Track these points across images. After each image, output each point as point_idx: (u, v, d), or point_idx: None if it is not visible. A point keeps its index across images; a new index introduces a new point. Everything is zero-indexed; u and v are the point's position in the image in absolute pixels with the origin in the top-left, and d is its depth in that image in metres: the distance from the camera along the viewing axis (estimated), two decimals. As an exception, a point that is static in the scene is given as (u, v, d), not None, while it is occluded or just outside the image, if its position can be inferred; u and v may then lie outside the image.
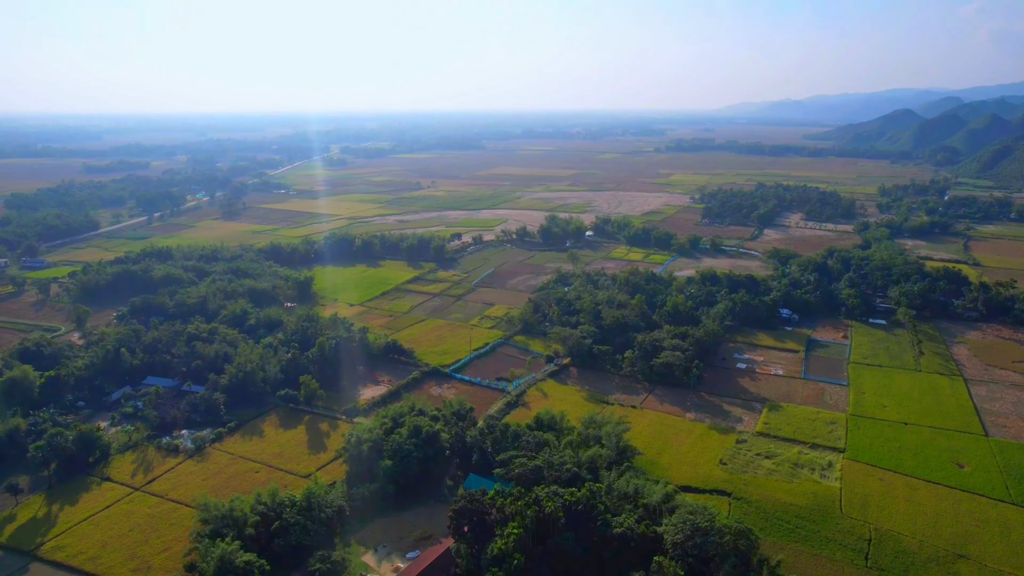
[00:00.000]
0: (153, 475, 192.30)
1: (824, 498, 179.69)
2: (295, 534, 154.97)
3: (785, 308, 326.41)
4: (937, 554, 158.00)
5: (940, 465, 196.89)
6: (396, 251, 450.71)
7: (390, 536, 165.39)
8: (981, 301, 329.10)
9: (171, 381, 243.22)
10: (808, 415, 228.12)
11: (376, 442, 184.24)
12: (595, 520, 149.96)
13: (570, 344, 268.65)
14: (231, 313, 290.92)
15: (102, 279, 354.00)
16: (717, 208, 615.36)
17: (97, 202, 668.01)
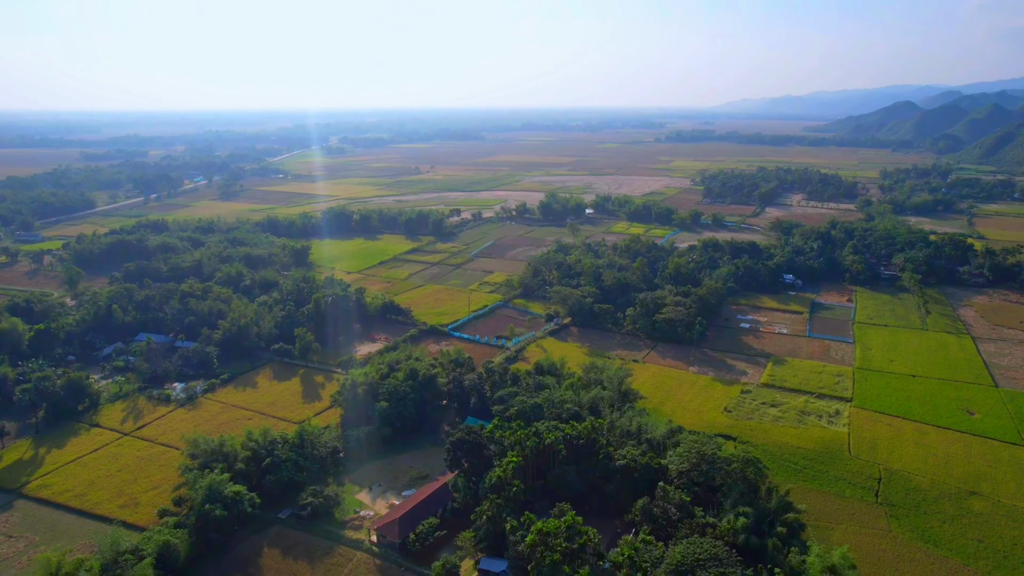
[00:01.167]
0: (143, 422, 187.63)
1: (832, 442, 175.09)
2: (287, 470, 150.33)
3: (788, 274, 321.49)
4: (949, 491, 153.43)
5: (950, 413, 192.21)
6: (394, 225, 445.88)
7: (385, 476, 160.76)
8: (987, 267, 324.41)
9: (164, 337, 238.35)
10: (814, 368, 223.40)
11: (372, 385, 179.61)
12: (597, 454, 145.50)
13: (571, 303, 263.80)
14: (226, 275, 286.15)
15: (96, 248, 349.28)
16: (718, 188, 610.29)
17: (94, 184, 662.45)
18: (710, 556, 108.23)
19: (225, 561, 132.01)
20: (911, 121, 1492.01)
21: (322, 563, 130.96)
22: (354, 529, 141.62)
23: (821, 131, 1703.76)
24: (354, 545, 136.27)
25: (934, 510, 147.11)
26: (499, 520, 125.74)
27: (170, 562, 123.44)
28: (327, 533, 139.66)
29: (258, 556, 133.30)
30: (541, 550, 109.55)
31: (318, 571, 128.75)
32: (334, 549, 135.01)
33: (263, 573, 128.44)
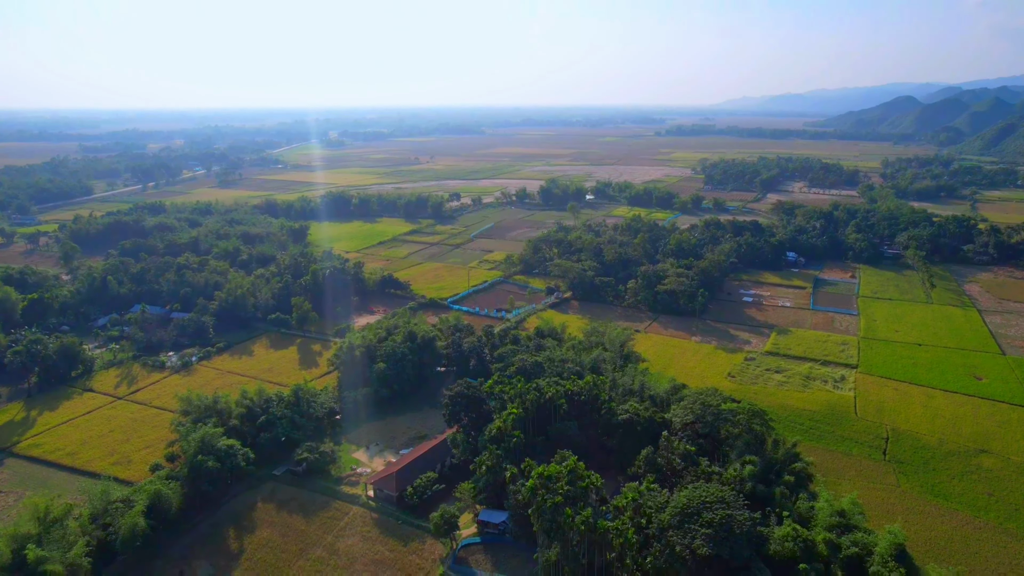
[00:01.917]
0: (137, 387, 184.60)
1: (837, 405, 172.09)
2: (282, 428, 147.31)
3: (791, 252, 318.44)
4: (958, 449, 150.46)
5: (957, 378, 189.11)
6: (393, 209, 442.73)
7: (383, 436, 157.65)
8: (992, 245, 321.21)
9: (159, 308, 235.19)
10: (818, 338, 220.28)
11: (369, 348, 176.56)
12: (599, 409, 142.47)
13: (571, 277, 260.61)
14: (222, 250, 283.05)
15: (92, 229, 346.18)
16: (719, 176, 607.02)
17: (91, 174, 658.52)
18: (717, 499, 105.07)
19: (218, 514, 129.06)
20: (912, 115, 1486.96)
21: (317, 517, 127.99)
22: (351, 485, 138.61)
23: (822, 126, 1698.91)
24: (350, 500, 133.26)
25: (943, 467, 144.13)
26: (499, 470, 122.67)
27: (162, 512, 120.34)
28: (323, 488, 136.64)
29: (252, 510, 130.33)
30: (542, 494, 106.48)
31: (313, 524, 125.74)
32: (330, 504, 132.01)
33: (257, 526, 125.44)
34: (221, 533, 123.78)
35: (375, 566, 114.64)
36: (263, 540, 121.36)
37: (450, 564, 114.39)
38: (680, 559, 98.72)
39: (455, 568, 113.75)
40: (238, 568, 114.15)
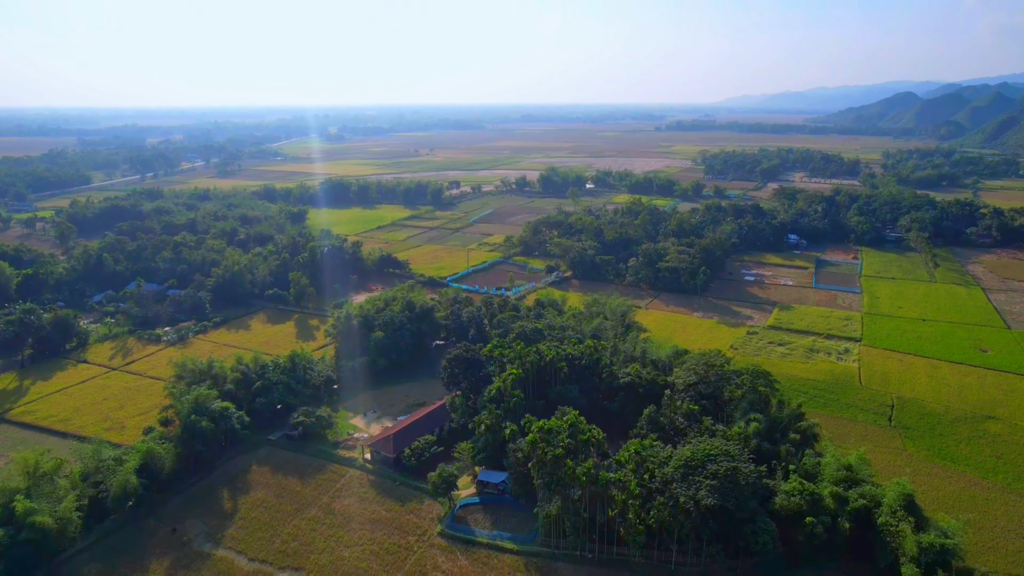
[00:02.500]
0: (132, 358, 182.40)
1: (842, 375, 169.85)
2: (278, 393, 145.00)
3: (792, 234, 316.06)
4: (964, 415, 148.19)
5: (962, 350, 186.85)
6: (393, 196, 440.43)
7: (381, 404, 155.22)
8: (995, 227, 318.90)
9: (156, 286, 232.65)
10: (821, 313, 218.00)
11: (367, 317, 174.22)
12: (600, 373, 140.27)
13: (571, 256, 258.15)
14: (220, 230, 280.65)
15: (89, 212, 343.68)
16: (720, 166, 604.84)
17: (90, 165, 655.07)
18: (721, 452, 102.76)
19: (213, 476, 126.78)
20: (912, 111, 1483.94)
21: (313, 479, 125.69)
22: (347, 449, 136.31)
23: (822, 123, 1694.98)
24: (347, 463, 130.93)
25: (949, 432, 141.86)
26: (498, 430, 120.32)
27: (155, 472, 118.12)
28: (319, 452, 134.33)
29: (247, 472, 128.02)
30: (542, 447, 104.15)
31: (309, 486, 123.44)
32: (326, 467, 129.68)
33: (252, 487, 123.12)
34: (215, 494, 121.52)
35: (372, 525, 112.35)
36: (258, 500, 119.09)
37: (448, 523, 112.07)
38: (684, 511, 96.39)
39: (453, 527, 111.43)
40: (232, 526, 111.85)
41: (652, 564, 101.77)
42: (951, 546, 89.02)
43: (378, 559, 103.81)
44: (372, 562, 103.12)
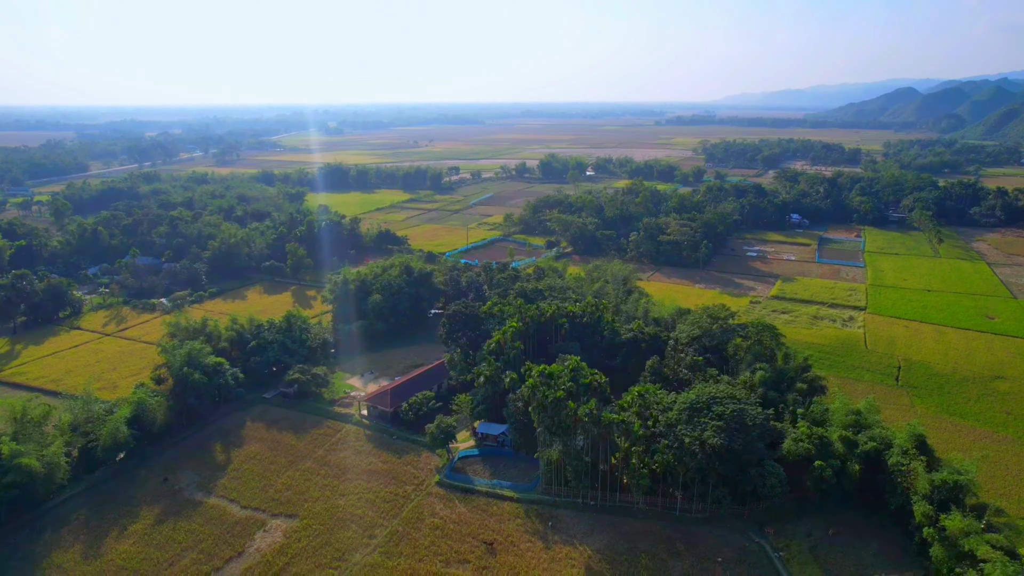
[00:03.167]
0: (126, 325, 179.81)
1: (847, 339, 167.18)
2: (273, 352, 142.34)
3: (795, 213, 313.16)
4: (972, 375, 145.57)
5: (968, 317, 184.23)
6: (392, 180, 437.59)
7: (378, 366, 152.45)
8: (999, 207, 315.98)
9: (152, 259, 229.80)
10: (825, 285, 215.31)
11: (364, 281, 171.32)
12: (602, 330, 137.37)
13: (572, 231, 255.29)
14: (217, 207, 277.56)
15: (86, 194, 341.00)
16: (721, 155, 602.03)
17: (88, 155, 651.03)
18: (727, 395, 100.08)
19: (206, 431, 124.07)
20: (913, 105, 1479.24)
21: (308, 434, 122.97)
22: (344, 407, 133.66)
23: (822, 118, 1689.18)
24: (343, 419, 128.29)
25: (958, 391, 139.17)
26: (498, 381, 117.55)
27: (146, 424, 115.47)
28: (315, 410, 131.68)
29: (240, 428, 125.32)
30: (543, 390, 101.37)
31: (303, 440, 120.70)
32: (322, 423, 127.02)
33: (245, 442, 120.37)
34: (208, 447, 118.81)
35: (368, 475, 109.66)
36: (251, 453, 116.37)
37: (446, 473, 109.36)
38: (689, 453, 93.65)
39: (451, 476, 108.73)
40: (224, 477, 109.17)
41: (656, 510, 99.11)
42: (964, 481, 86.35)
43: (374, 507, 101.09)
44: (368, 509, 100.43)
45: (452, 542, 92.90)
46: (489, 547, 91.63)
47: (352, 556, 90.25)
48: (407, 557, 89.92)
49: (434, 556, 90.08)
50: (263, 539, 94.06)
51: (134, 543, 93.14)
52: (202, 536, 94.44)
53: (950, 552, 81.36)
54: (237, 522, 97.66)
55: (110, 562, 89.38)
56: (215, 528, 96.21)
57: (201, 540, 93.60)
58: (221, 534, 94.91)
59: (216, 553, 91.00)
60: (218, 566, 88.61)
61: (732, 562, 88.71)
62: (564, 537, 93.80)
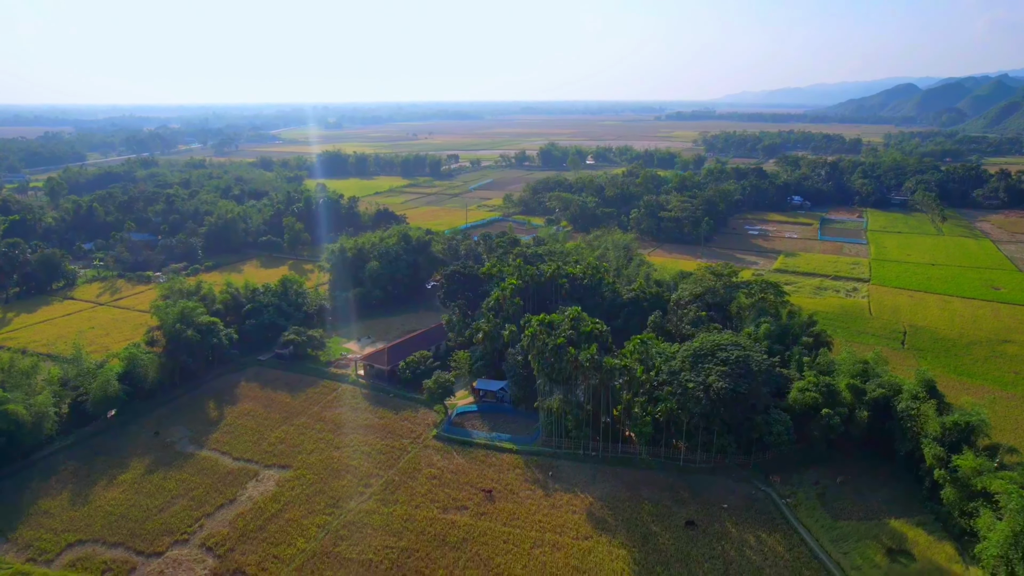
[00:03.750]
0: (120, 296, 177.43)
1: (852, 308, 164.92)
2: (268, 314, 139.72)
3: (796, 195, 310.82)
4: (979, 339, 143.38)
5: (974, 288, 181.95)
6: (391, 167, 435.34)
7: (375, 331, 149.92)
8: (1002, 189, 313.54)
9: (148, 235, 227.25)
10: (828, 259, 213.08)
11: (361, 250, 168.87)
12: (603, 292, 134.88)
13: (572, 209, 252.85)
14: (214, 186, 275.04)
15: (82, 179, 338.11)
16: (721, 145, 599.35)
17: (86, 146, 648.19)
18: (731, 343, 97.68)
19: (199, 391, 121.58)
20: (913, 101, 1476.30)
21: (303, 392, 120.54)
22: (340, 367, 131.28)
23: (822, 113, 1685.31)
24: (339, 379, 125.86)
25: (965, 353, 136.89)
26: (497, 336, 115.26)
27: (138, 381, 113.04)
28: (310, 370, 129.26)
29: (234, 387, 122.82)
30: (543, 337, 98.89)
31: (298, 399, 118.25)
32: (317, 382, 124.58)
33: (239, 400, 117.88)
34: (201, 405, 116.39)
35: (364, 430, 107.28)
36: (245, 410, 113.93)
37: (444, 428, 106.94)
38: (693, 398, 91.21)
39: (449, 430, 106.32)
40: (217, 431, 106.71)
41: (659, 461, 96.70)
42: (976, 422, 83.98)
43: (369, 458, 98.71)
44: (363, 460, 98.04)
45: (449, 490, 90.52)
46: (487, 494, 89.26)
47: (346, 504, 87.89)
48: (403, 504, 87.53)
49: (431, 503, 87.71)
50: (255, 488, 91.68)
51: (123, 491, 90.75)
52: (193, 485, 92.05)
53: (962, 493, 79.05)
54: (229, 472, 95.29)
55: (98, 508, 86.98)
56: (206, 478, 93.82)
57: (192, 489, 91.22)
58: (213, 483, 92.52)
59: (207, 500, 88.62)
60: (209, 512, 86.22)
61: (738, 509, 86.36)
62: (565, 486, 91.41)
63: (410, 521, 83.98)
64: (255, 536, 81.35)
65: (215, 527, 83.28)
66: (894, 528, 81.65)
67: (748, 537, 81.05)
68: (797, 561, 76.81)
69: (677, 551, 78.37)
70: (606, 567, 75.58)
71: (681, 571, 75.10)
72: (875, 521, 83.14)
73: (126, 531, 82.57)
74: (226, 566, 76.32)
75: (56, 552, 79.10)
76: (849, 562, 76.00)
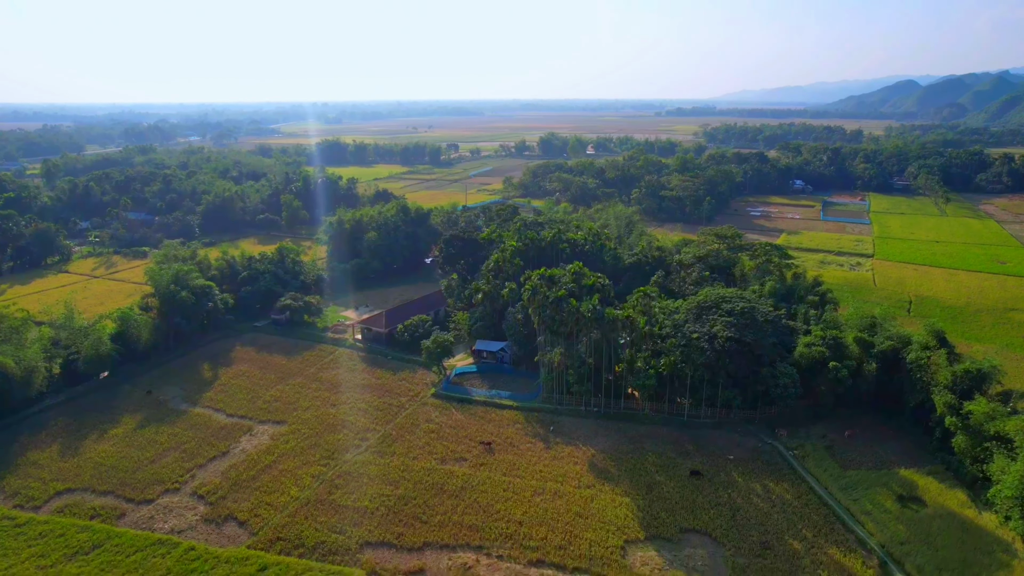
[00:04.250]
0: (116, 270, 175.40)
1: (856, 280, 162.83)
2: (265, 281, 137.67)
3: (798, 180, 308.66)
4: (986, 308, 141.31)
5: (979, 262, 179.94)
6: (390, 155, 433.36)
7: (373, 300, 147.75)
8: (1006, 173, 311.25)
9: (145, 214, 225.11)
10: (831, 237, 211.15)
11: (359, 221, 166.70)
12: (604, 257, 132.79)
13: (573, 190, 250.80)
14: (212, 168, 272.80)
15: (80, 164, 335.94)
16: (722, 136, 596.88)
17: (85, 138, 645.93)
18: (736, 295, 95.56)
19: (193, 354, 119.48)
20: (914, 97, 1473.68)
21: (300, 355, 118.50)
22: (337, 332, 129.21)
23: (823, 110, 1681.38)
24: (336, 344, 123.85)
25: (972, 320, 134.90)
26: (496, 296, 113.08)
27: (131, 342, 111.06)
28: (307, 336, 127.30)
29: (229, 351, 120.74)
30: (544, 290, 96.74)
31: (294, 361, 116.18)
32: (314, 346, 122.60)
33: (234, 363, 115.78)
34: (195, 367, 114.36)
35: (360, 389, 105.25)
36: (239, 371, 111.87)
37: (443, 386, 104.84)
38: (697, 348, 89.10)
39: (448, 388, 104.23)
40: (210, 391, 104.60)
41: (663, 416, 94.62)
42: (988, 369, 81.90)
43: (366, 415, 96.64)
44: (360, 416, 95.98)
45: (448, 443, 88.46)
46: (487, 447, 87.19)
47: (342, 456, 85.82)
48: (400, 456, 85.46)
49: (428, 455, 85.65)
50: (249, 441, 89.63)
51: (114, 444, 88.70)
52: (185, 439, 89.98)
53: (974, 440, 76.96)
54: (222, 427, 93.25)
55: (88, 459, 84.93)
56: (199, 432, 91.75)
57: (184, 442, 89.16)
58: (205, 437, 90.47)
59: (199, 453, 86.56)
60: (201, 463, 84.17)
61: (744, 460, 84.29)
62: (566, 439, 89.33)
63: (407, 471, 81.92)
64: (248, 485, 79.30)
65: (207, 477, 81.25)
66: (904, 477, 79.57)
67: (755, 485, 78.99)
68: (806, 507, 74.75)
69: (682, 499, 76.30)
70: (609, 513, 73.52)
71: (687, 517, 73.03)
72: (885, 470, 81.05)
73: (116, 481, 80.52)
74: (217, 512, 74.26)
75: (44, 500, 77.10)
76: (859, 508, 73.92)
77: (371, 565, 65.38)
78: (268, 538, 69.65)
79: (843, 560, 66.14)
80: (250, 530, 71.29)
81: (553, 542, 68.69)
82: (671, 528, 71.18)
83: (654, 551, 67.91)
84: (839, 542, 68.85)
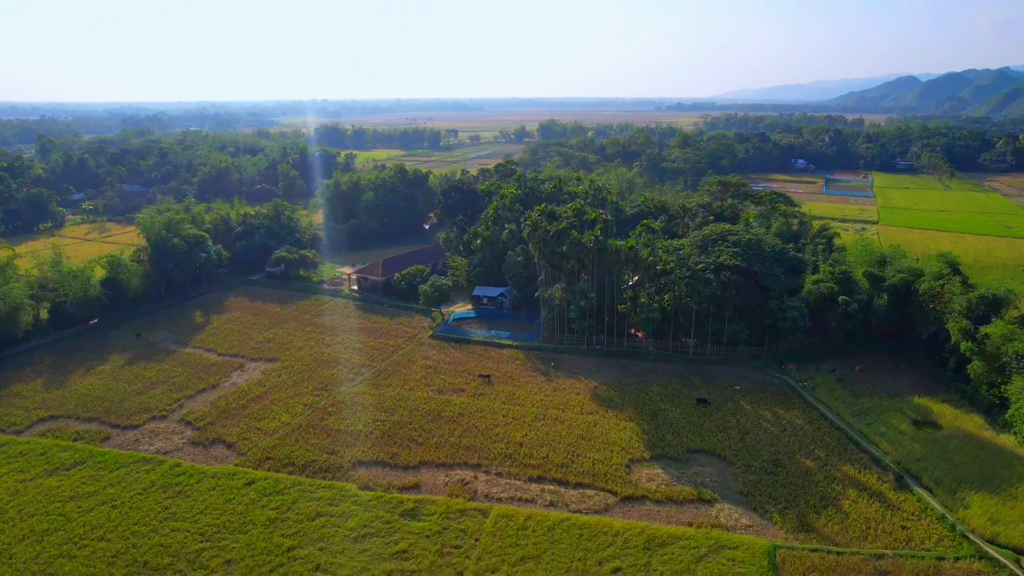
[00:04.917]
0: (109, 234, 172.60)
1: (860, 243, 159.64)
2: (260, 236, 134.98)
3: (800, 159, 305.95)
4: (994, 265, 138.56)
5: (986, 227, 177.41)
6: (389, 140, 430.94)
7: (370, 258, 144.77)
8: (1010, 152, 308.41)
9: (140, 186, 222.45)
10: (835, 207, 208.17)
11: (356, 183, 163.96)
12: (605, 208, 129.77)
13: (573, 164, 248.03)
14: (209, 143, 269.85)
15: (75, 145, 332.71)
16: (722, 126, 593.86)
17: (83, 129, 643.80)
18: (742, 229, 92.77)
19: (186, 303, 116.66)
20: (914, 92, 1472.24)
21: (294, 304, 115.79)
22: (334, 285, 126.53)
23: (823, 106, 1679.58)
24: (333, 294, 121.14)
25: (982, 275, 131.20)
26: (496, 241, 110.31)
27: (121, 287, 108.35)
28: (303, 287, 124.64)
29: (222, 301, 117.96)
30: (544, 224, 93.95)
31: (289, 309, 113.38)
32: (309, 297, 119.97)
33: (227, 310, 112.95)
34: (187, 314, 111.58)
35: (356, 332, 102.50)
36: (232, 318, 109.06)
37: (441, 328, 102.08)
38: (703, 279, 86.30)
39: (446, 330, 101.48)
40: (202, 333, 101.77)
41: (667, 353, 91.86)
42: (1003, 293, 79.19)
43: (361, 353, 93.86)
44: (354, 355, 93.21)
45: (446, 376, 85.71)
46: (486, 379, 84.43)
47: (336, 388, 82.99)
48: (396, 388, 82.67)
49: (426, 387, 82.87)
50: (240, 376, 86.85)
51: (101, 379, 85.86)
52: (174, 374, 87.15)
53: (990, 365, 74.20)
54: (213, 364, 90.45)
55: (73, 391, 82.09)
56: (189, 369, 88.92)
57: (173, 377, 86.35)
58: (195, 372, 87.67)
59: (188, 386, 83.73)
60: (190, 395, 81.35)
61: (752, 391, 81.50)
62: (568, 373, 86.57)
63: (403, 400, 79.18)
64: (237, 413, 76.48)
65: (195, 407, 78.45)
66: (919, 403, 76.87)
67: (764, 412, 76.25)
68: (817, 431, 71.99)
69: (689, 423, 73.51)
70: (613, 436, 70.74)
71: (694, 439, 70.25)
72: (899, 398, 78.34)
73: (102, 409, 77.71)
74: (205, 436, 71.44)
75: (26, 425, 74.28)
76: (873, 430, 71.13)
77: (364, 481, 62.61)
78: (257, 458, 66.86)
79: (858, 475, 63.37)
80: (238, 451, 68.53)
81: (555, 461, 65.94)
82: (678, 449, 68.42)
83: (660, 469, 65.15)
84: (853, 460, 66.11)
